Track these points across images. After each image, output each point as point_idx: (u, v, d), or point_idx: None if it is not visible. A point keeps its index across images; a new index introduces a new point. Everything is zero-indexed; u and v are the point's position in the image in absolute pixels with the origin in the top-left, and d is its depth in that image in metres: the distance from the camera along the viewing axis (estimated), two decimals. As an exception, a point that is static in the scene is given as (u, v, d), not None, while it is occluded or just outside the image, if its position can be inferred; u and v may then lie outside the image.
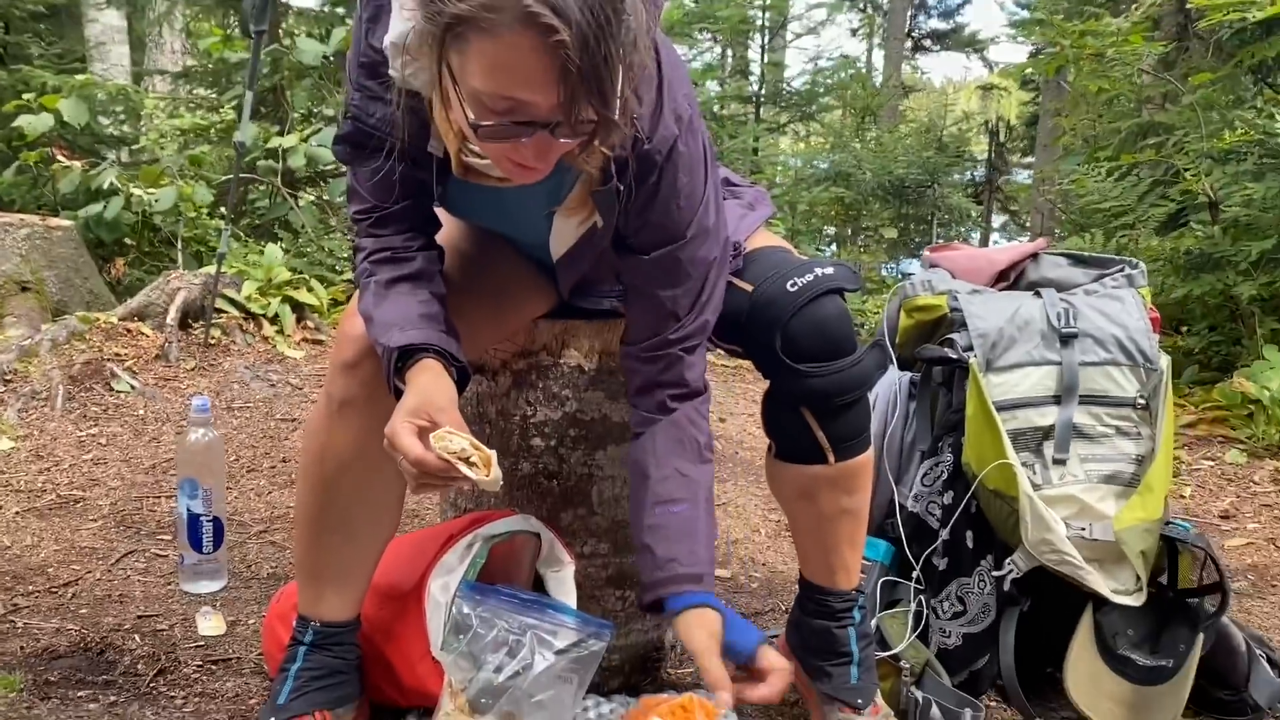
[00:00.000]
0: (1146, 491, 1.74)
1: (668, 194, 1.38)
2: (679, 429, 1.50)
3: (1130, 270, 1.92)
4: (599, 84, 1.11)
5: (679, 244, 1.42)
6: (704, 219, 1.43)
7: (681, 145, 1.36)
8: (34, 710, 1.64)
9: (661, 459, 1.48)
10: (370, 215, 1.45)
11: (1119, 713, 1.74)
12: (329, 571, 1.56)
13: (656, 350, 1.49)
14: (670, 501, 1.47)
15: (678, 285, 1.45)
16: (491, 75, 1.12)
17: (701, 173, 1.41)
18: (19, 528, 2.51)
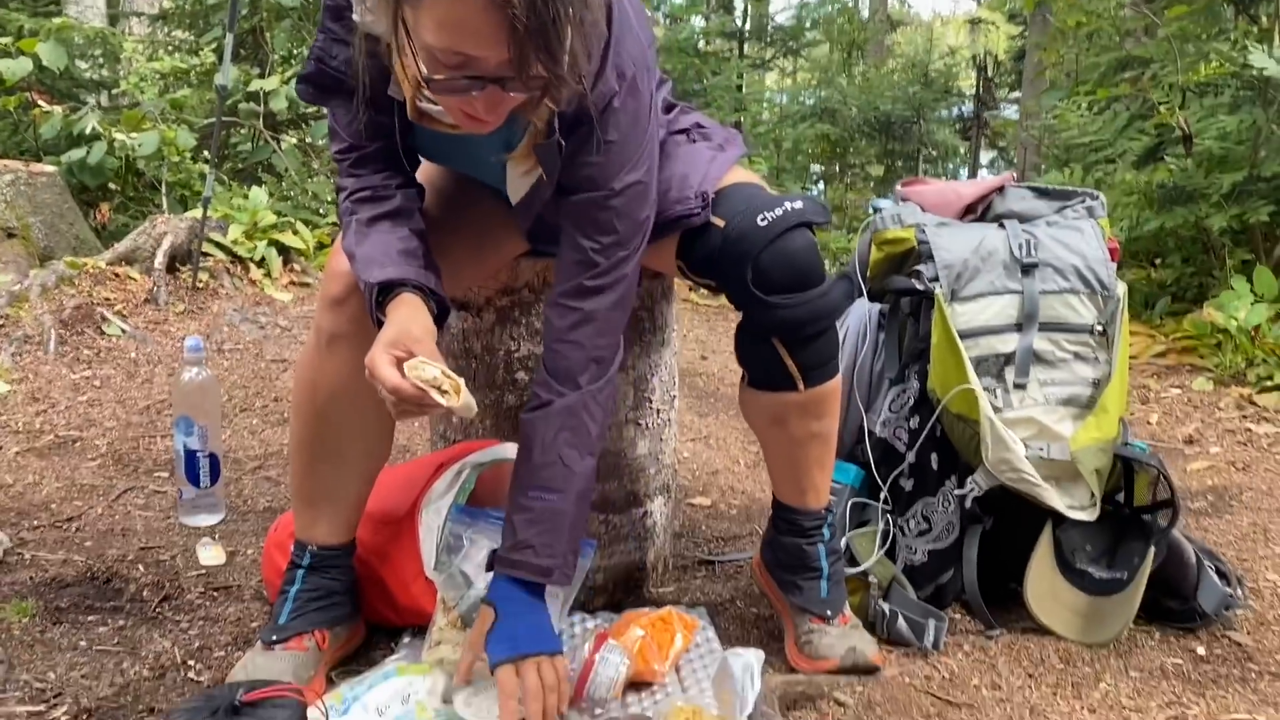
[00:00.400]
0: (1102, 413, 1.83)
1: (599, 145, 1.41)
2: (575, 417, 1.49)
3: (1090, 201, 1.98)
4: (547, 42, 1.17)
5: (604, 194, 1.45)
6: (637, 174, 1.45)
7: (617, 102, 1.40)
8: (47, 633, 1.72)
9: (549, 444, 1.48)
10: (350, 155, 1.51)
11: (1075, 622, 1.84)
12: (323, 498, 1.64)
13: (572, 299, 1.49)
14: (544, 488, 1.48)
15: (603, 233, 1.47)
16: (443, 31, 1.18)
17: (639, 134, 1.44)
18: (20, 467, 2.58)
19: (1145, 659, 1.78)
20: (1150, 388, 3.58)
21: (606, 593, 1.93)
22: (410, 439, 2.90)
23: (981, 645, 1.80)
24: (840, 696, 1.59)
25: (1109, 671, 1.73)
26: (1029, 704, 1.62)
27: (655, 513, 1.99)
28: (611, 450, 1.88)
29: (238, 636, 1.76)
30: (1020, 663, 1.75)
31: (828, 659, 1.67)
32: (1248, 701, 1.65)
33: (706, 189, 1.60)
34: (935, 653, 1.76)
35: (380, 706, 1.46)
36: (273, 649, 1.58)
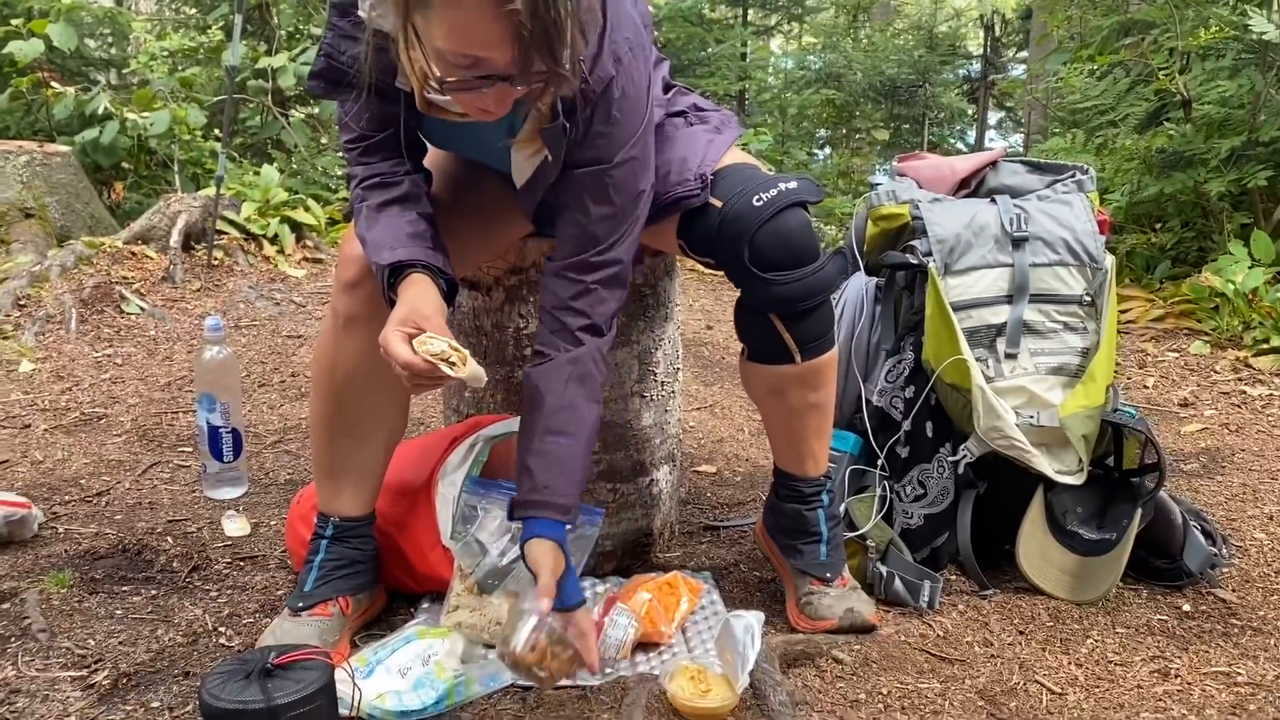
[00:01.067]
0: (1090, 381, 1.90)
1: (600, 126, 1.49)
2: (582, 365, 1.55)
3: (1080, 176, 2.04)
4: (549, 43, 1.25)
5: (606, 166, 1.52)
6: (634, 151, 1.53)
7: (616, 87, 1.47)
8: (85, 603, 1.82)
9: (560, 392, 1.54)
10: (359, 145, 1.58)
11: (1065, 581, 1.92)
12: (344, 471, 1.72)
13: (574, 272, 1.56)
14: (559, 433, 1.54)
15: (601, 205, 1.54)
16: (453, 37, 1.26)
17: (638, 114, 1.51)
18: (49, 443, 2.67)
19: (1132, 616, 1.86)
20: (1148, 352, 3.63)
21: (615, 558, 2.02)
22: (424, 412, 2.98)
23: (975, 604, 1.88)
24: (838, 654, 1.67)
25: (1097, 628, 1.81)
26: (1019, 659, 1.70)
27: (661, 481, 2.07)
28: (618, 422, 1.96)
29: (264, 604, 1.85)
30: (1012, 620, 1.83)
31: (827, 619, 1.75)
32: (1229, 655, 1.73)
33: (705, 171, 1.66)
34: (930, 612, 1.84)
35: (402, 668, 1.55)
36: (299, 615, 1.66)
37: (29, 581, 1.88)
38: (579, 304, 1.56)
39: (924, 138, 10.42)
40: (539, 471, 1.53)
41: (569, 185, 1.55)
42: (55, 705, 1.50)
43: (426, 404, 3.05)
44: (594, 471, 1.96)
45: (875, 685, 1.59)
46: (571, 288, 1.56)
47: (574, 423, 1.55)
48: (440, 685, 1.51)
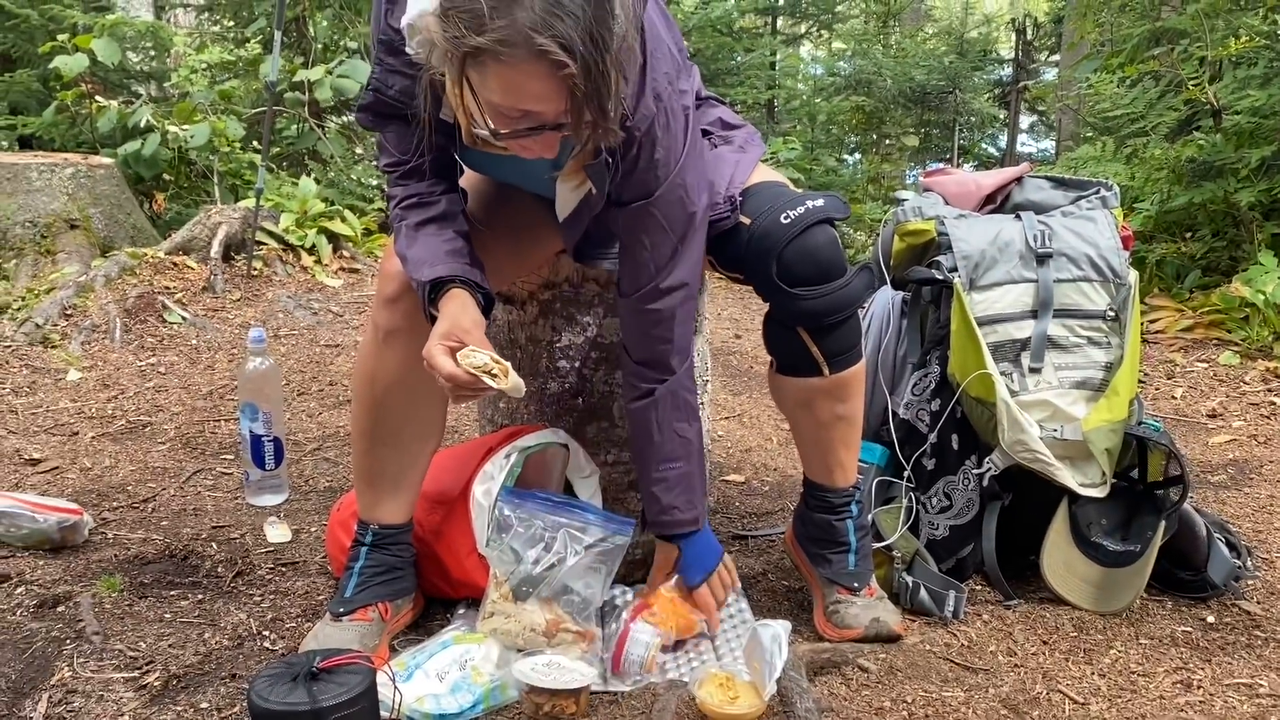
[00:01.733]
0: (1113, 395, 1.93)
1: (645, 163, 1.55)
2: (676, 396, 1.71)
3: (1105, 192, 2.06)
4: (599, 100, 1.30)
5: (653, 198, 1.58)
6: (679, 179, 1.58)
7: (658, 125, 1.52)
8: (135, 607, 1.88)
9: (664, 425, 1.71)
10: (398, 168, 1.65)
11: (1088, 592, 1.95)
12: (383, 480, 1.78)
13: (645, 302, 1.65)
14: (671, 460, 1.73)
15: (655, 235, 1.61)
16: (507, 94, 1.31)
17: (679, 145, 1.57)
18: (97, 451, 2.76)
19: (1156, 627, 1.88)
20: (1176, 362, 3.64)
21: (645, 567, 2.06)
22: (458, 420, 3.04)
23: (999, 614, 1.91)
24: (864, 663, 1.70)
25: (1120, 639, 1.83)
26: (1042, 669, 1.73)
27: (691, 491, 2.11)
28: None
29: (306, 608, 1.91)
30: (1036, 631, 1.86)
31: (853, 628, 1.79)
32: (1252, 667, 1.75)
33: (733, 193, 1.71)
34: (955, 622, 1.87)
35: (440, 672, 1.60)
36: (340, 620, 1.72)
37: (82, 585, 1.95)
38: (658, 331, 1.68)
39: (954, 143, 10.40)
40: (663, 496, 1.74)
41: (621, 220, 1.62)
42: (110, 705, 1.57)
43: (460, 413, 3.11)
44: (624, 481, 2.01)
45: (900, 694, 1.62)
46: (648, 317, 1.67)
47: (682, 447, 1.73)
48: (477, 689, 1.56)
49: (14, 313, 3.75)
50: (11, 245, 4.24)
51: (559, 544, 1.73)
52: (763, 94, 8.59)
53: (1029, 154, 11.47)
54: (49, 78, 5.59)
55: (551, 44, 1.24)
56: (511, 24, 1.24)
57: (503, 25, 1.24)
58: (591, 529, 1.75)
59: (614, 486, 2.00)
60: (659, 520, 1.76)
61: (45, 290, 3.90)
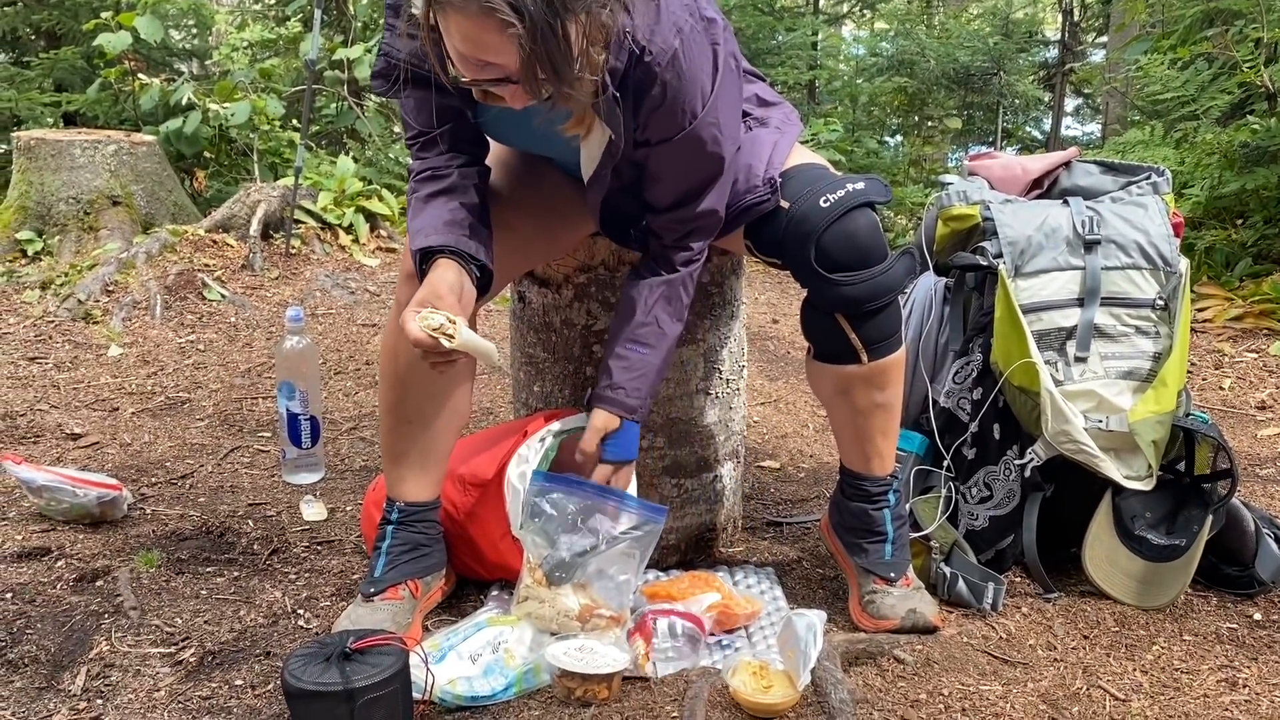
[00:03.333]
0: (1161, 386, 1.88)
1: (672, 98, 1.52)
2: (673, 288, 1.72)
3: (1156, 177, 2.01)
4: (552, 61, 1.31)
5: (683, 132, 1.56)
6: (711, 116, 1.56)
7: (681, 56, 1.49)
8: (171, 583, 1.90)
9: (649, 308, 1.71)
10: (418, 140, 1.66)
11: (1131, 586, 1.91)
12: (409, 457, 1.78)
13: (677, 222, 1.68)
14: (641, 344, 1.72)
15: (684, 169, 1.61)
16: (465, 43, 1.33)
17: (706, 80, 1.54)
18: (136, 426, 2.79)
19: (1200, 623, 1.84)
20: (1225, 352, 3.56)
21: (679, 552, 2.05)
22: (494, 401, 3.05)
23: (1039, 607, 1.88)
24: (900, 654, 1.68)
25: (1163, 635, 1.80)
26: (1082, 664, 1.70)
27: (725, 477, 2.09)
28: (683, 418, 1.99)
29: (341, 587, 1.91)
30: (1076, 625, 1.83)
31: (889, 619, 1.76)
32: (1300, 666, 1.71)
33: (773, 175, 1.69)
34: (994, 614, 1.84)
35: (473, 654, 1.60)
36: (372, 600, 1.73)
37: (120, 560, 1.97)
38: (683, 242, 1.71)
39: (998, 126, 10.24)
40: (617, 373, 1.72)
41: (654, 157, 1.60)
42: (146, 680, 1.58)
43: (496, 394, 3.11)
44: (658, 467, 2.00)
45: (937, 686, 1.60)
46: (674, 232, 1.70)
47: (655, 337, 1.72)
48: (510, 673, 1.56)
49: (57, 288, 3.79)
50: (55, 221, 4.29)
51: (593, 529, 1.72)
52: (804, 74, 8.49)
53: (1074, 137, 11.27)
54: (93, 55, 5.65)
55: (499, 1, 1.25)
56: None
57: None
58: (626, 515, 1.74)
59: (647, 471, 1.98)
60: (602, 393, 1.73)
61: (88, 266, 3.95)
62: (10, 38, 6.61)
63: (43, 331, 3.49)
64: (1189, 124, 4.51)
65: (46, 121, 5.95)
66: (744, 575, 1.97)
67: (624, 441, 1.75)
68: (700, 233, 1.71)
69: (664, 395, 1.97)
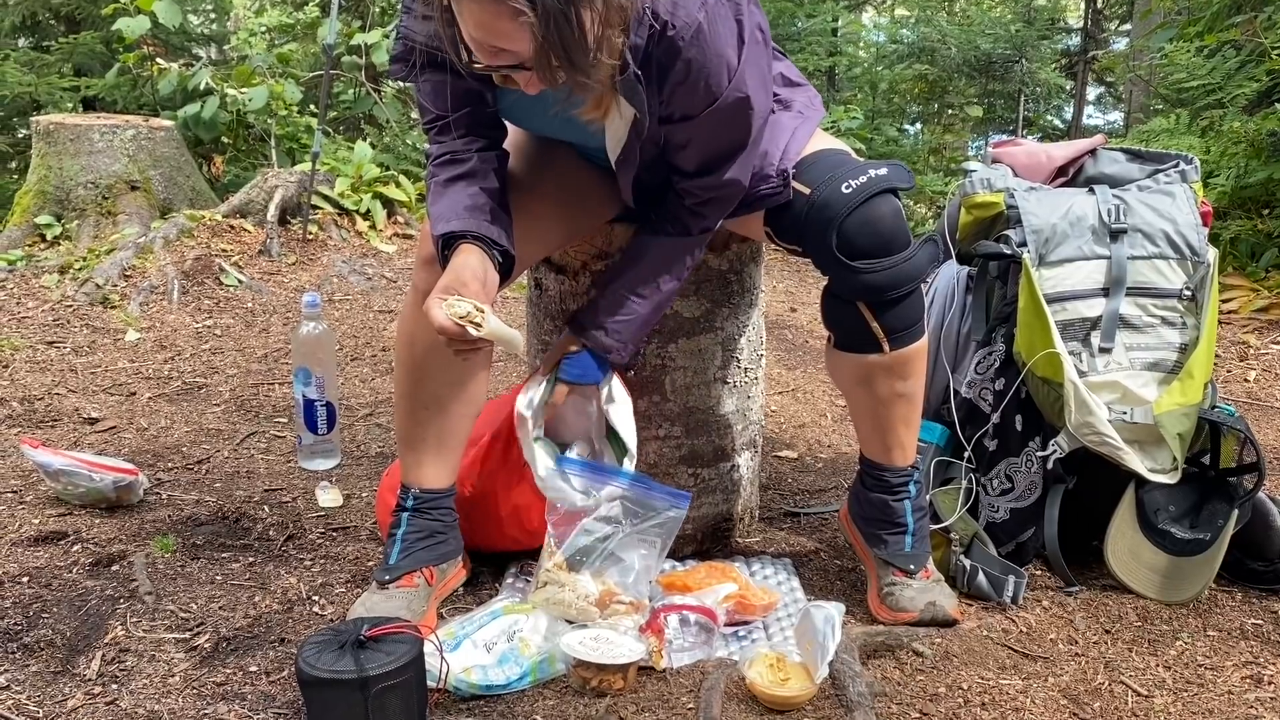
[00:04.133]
0: (1187, 378, 1.85)
1: (697, 73, 1.48)
2: (679, 253, 1.73)
3: (1184, 166, 1.97)
4: (566, 49, 1.29)
5: (709, 107, 1.52)
6: (738, 90, 1.52)
7: (706, 30, 1.46)
8: (187, 568, 1.90)
9: (655, 263, 1.72)
10: (435, 124, 1.64)
11: (1155, 580, 1.88)
12: (424, 443, 1.77)
13: (700, 188, 1.66)
14: (636, 294, 1.73)
15: (712, 141, 1.59)
16: (479, 29, 1.32)
17: (732, 52, 1.50)
18: (153, 411, 2.79)
19: (1225, 619, 1.81)
20: (1250, 344, 3.51)
21: (695, 542, 2.03)
22: (510, 387, 3.03)
23: (1060, 601, 1.85)
24: (919, 647, 1.66)
25: (1187, 630, 1.77)
26: (1104, 659, 1.67)
27: (742, 467, 2.07)
28: (700, 407, 1.97)
29: (356, 574, 1.91)
30: (1098, 619, 1.80)
31: (908, 611, 1.74)
32: (1326, 663, 1.68)
33: (786, 166, 1.67)
34: (1014, 608, 1.82)
35: (488, 643, 1.59)
36: (387, 588, 1.72)
37: (136, 545, 1.97)
38: (703, 208, 1.69)
39: (1019, 114, 10.15)
40: (603, 311, 1.74)
41: (683, 131, 1.58)
42: (160, 665, 1.58)
43: (512, 379, 3.10)
44: (675, 456, 1.98)
45: (955, 680, 1.58)
46: (697, 196, 1.68)
47: (651, 291, 1.73)
48: (525, 662, 1.55)
49: (75, 272, 3.80)
50: (74, 206, 4.30)
51: (615, 515, 1.71)
52: (824, 61, 8.44)
53: (1096, 126, 11.16)
54: (112, 40, 5.66)
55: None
56: None
57: None
58: (647, 501, 1.73)
59: (664, 461, 1.96)
60: (582, 324, 1.75)
61: (106, 251, 3.95)
62: (30, 22, 6.63)
63: (61, 316, 3.50)
64: (1215, 112, 4.44)
65: (66, 106, 5.96)
66: (760, 566, 1.96)
67: (582, 363, 1.76)
68: (720, 202, 1.69)
69: (682, 384, 1.95)
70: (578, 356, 1.75)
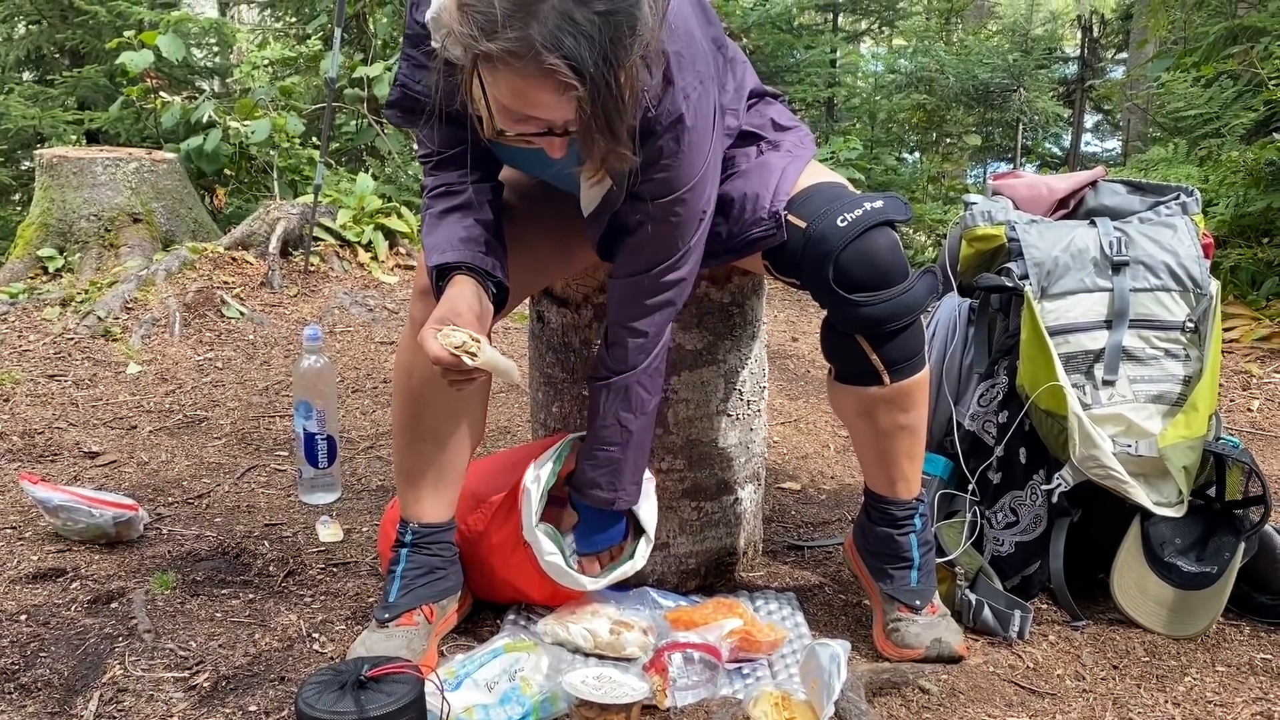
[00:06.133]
0: (1191, 410, 1.84)
1: (669, 159, 1.50)
2: (629, 390, 1.70)
3: (1185, 198, 1.98)
4: (610, 123, 1.29)
5: (675, 194, 1.54)
6: (704, 182, 1.56)
7: (685, 123, 1.48)
8: (187, 605, 1.88)
9: (608, 411, 1.71)
10: (432, 159, 1.65)
11: (1161, 614, 1.87)
12: (424, 477, 1.76)
13: (637, 290, 1.64)
14: (607, 444, 1.72)
15: (666, 229, 1.58)
16: (514, 99, 1.31)
17: (705, 143, 1.53)
18: (154, 445, 2.78)
19: (1233, 654, 1.79)
20: (1253, 373, 3.50)
21: (699, 576, 2.02)
22: (511, 420, 3.03)
23: (1066, 636, 1.84)
24: (925, 684, 1.64)
25: (1195, 665, 1.76)
26: (1112, 695, 1.66)
27: (745, 499, 2.06)
28: (703, 440, 1.96)
29: (356, 611, 1.89)
30: (1105, 654, 1.79)
31: (914, 648, 1.73)
32: (1337, 699, 1.66)
33: (778, 208, 1.67)
34: (1020, 642, 1.80)
35: (489, 682, 1.57)
36: (386, 626, 1.70)
37: (135, 581, 1.96)
38: (639, 324, 1.66)
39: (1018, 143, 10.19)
40: (589, 470, 1.74)
41: (636, 210, 1.58)
42: (159, 706, 1.56)
43: (513, 412, 3.09)
44: (678, 490, 1.97)
45: (963, 717, 1.56)
46: (633, 308, 1.66)
47: (617, 436, 1.71)
48: (526, 701, 1.53)
49: (77, 305, 3.80)
50: (76, 239, 4.31)
51: None
52: (822, 91, 8.48)
53: (1094, 154, 11.21)
54: (115, 73, 5.70)
55: (561, 64, 1.23)
56: (523, 38, 1.23)
57: (514, 37, 1.23)
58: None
59: (667, 494, 1.95)
60: (578, 488, 1.77)
61: (108, 283, 3.95)
62: (34, 56, 6.68)
63: (62, 349, 3.49)
64: (1212, 141, 4.46)
65: (69, 139, 6.00)
66: (765, 601, 1.94)
67: (604, 526, 1.79)
68: (661, 313, 1.66)
69: (684, 417, 1.94)
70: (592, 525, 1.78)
